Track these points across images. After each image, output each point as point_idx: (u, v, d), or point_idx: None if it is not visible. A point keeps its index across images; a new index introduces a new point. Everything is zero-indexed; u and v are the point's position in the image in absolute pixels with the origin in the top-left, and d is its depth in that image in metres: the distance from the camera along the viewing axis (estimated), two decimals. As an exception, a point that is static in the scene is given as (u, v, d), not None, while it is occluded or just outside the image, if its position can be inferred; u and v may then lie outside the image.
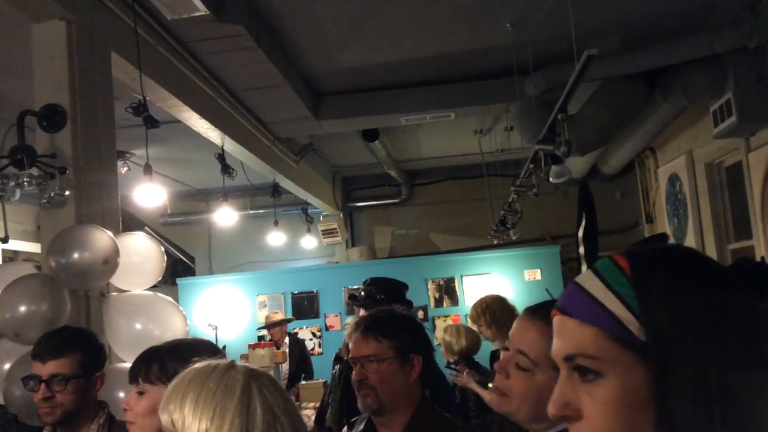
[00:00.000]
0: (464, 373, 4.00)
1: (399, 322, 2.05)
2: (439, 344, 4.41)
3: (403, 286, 3.88)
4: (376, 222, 10.02)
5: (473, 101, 6.01)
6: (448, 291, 8.36)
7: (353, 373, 1.99)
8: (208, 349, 1.68)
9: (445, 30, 5.04)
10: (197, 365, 1.30)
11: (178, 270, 9.24)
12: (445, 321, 8.11)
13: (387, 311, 2.13)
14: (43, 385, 2.08)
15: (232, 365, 1.28)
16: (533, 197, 5.01)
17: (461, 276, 8.38)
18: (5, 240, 5.91)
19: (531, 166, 4.38)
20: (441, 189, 9.73)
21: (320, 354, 8.10)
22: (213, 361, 1.31)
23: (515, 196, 5.50)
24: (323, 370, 6.53)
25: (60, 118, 2.95)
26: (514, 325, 1.42)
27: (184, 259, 9.55)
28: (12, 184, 2.67)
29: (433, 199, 9.78)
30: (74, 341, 2.20)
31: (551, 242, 8.90)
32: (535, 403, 1.30)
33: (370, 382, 1.94)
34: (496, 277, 8.22)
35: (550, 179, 3.45)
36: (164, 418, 1.23)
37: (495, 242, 7.70)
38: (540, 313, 1.37)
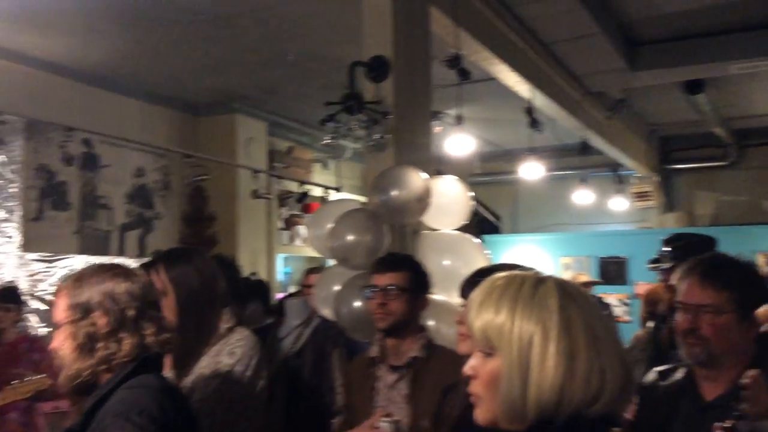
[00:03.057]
0: None
1: (743, 272, 1.83)
2: None
3: (708, 242, 3.40)
4: (697, 186, 9.15)
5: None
6: (783, 265, 7.32)
7: (679, 318, 1.84)
8: None
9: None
10: (502, 275, 1.30)
11: (484, 228, 9.53)
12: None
13: (727, 258, 1.91)
14: (380, 293, 2.31)
15: (541, 279, 1.23)
16: None
17: (801, 250, 7.27)
18: (339, 189, 6.73)
19: None
20: (778, 150, 8.51)
21: (628, 322, 7.73)
22: (519, 273, 1.29)
23: None
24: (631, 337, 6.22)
25: (384, 68, 3.24)
26: None
27: (490, 217, 9.83)
28: (344, 127, 3.01)
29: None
30: (407, 261, 2.45)
31: None
32: None
33: (702, 333, 1.77)
34: None
35: None
36: (477, 325, 1.21)
37: None
38: None
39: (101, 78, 5.96)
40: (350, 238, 2.98)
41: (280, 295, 5.79)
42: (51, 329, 1.70)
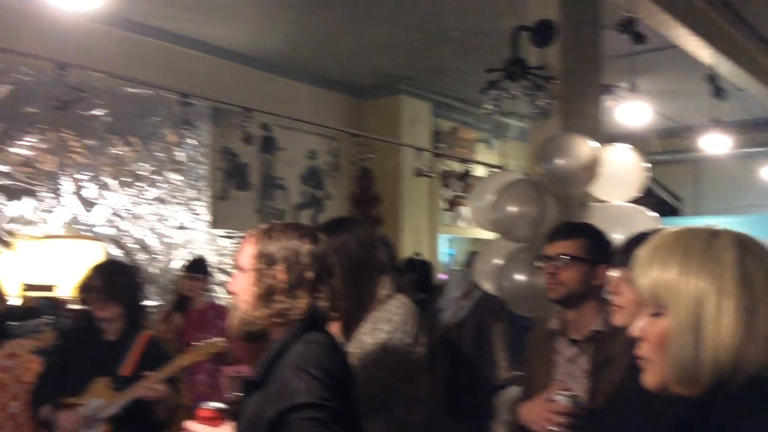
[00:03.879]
0: None
1: None
2: None
3: None
4: None
5: None
6: None
7: None
8: None
9: None
10: (671, 230, 1.20)
11: (663, 210, 8.94)
12: None
13: None
14: (550, 263, 2.22)
15: (715, 232, 1.14)
16: None
17: None
18: (503, 169, 6.63)
19: None
20: None
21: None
22: (690, 227, 1.20)
23: None
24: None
25: (550, 32, 3.12)
26: None
27: (669, 198, 9.20)
28: (506, 94, 2.94)
29: None
30: (582, 229, 2.33)
31: None
32: None
33: None
34: None
35: None
36: (644, 283, 1.14)
37: None
38: None
39: (275, 64, 6.32)
40: (512, 209, 2.90)
41: (443, 276, 5.82)
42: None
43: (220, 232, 6.02)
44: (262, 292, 1.63)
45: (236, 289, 1.69)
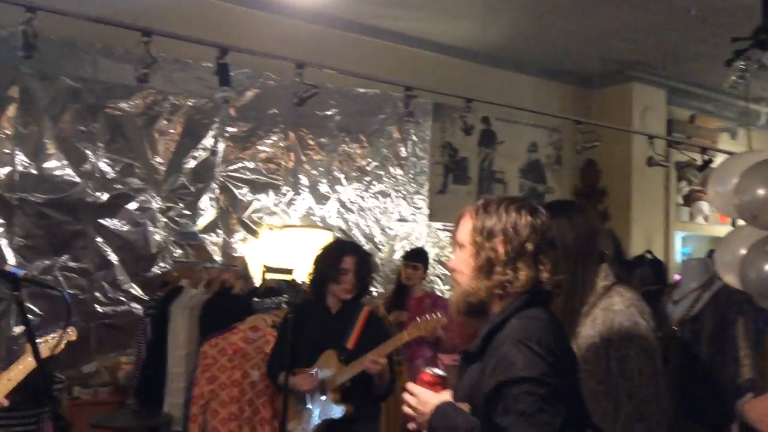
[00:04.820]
0: None
1: None
2: None
3: None
4: None
5: None
6: None
7: None
8: None
9: None
10: None
11: None
12: None
13: None
14: None
15: None
16: None
17: None
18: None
19: None
20: None
21: None
22: None
23: None
24: None
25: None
26: None
27: None
28: (754, 65, 2.62)
29: None
30: None
31: None
32: None
33: None
34: None
35: None
36: None
37: None
38: None
39: (498, 57, 6.27)
40: (762, 192, 2.56)
41: (677, 277, 5.36)
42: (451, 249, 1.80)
43: (438, 224, 6.13)
44: (482, 264, 1.62)
45: (455, 264, 1.70)
